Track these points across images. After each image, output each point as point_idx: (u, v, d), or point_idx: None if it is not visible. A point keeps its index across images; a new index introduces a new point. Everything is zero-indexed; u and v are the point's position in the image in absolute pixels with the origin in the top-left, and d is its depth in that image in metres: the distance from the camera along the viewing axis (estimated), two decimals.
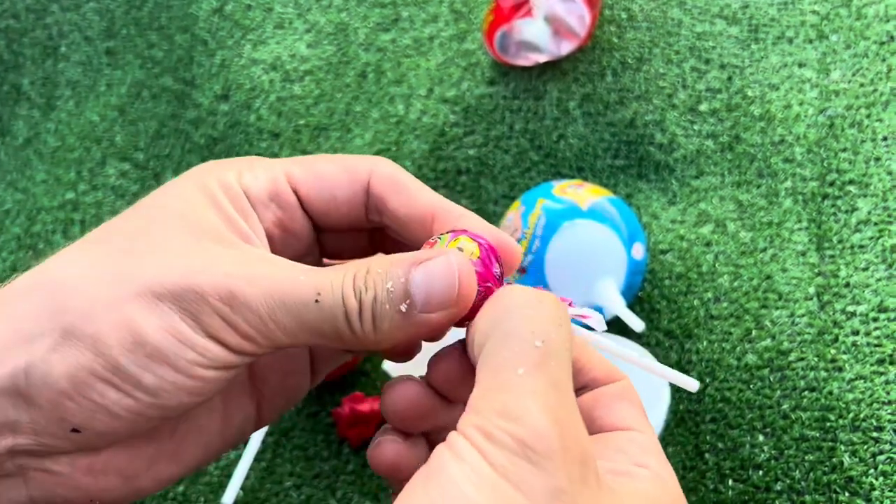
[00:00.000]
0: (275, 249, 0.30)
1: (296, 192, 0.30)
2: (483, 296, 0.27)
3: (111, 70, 0.66)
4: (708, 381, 0.48)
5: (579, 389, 0.29)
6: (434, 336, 0.28)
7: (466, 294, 0.26)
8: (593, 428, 0.28)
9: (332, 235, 0.32)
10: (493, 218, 0.55)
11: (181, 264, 0.26)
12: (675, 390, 0.48)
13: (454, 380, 0.28)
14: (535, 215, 0.48)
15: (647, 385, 0.44)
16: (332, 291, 0.26)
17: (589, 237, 0.47)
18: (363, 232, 0.33)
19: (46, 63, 0.67)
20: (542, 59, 0.56)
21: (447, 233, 0.28)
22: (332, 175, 0.30)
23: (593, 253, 0.47)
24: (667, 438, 0.47)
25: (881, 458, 0.44)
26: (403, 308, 0.26)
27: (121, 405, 0.25)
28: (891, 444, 0.44)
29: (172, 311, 0.25)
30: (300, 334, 0.26)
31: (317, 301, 0.26)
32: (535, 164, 0.56)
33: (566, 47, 0.56)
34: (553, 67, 0.58)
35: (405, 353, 0.30)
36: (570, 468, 0.22)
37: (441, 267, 0.26)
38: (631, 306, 0.50)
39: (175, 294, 0.25)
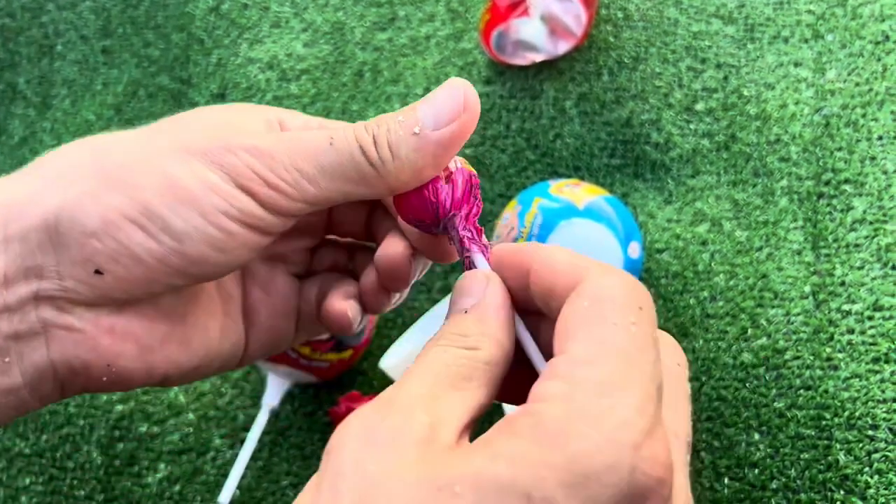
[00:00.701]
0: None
1: None
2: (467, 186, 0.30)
3: (107, 69, 0.66)
4: (704, 379, 0.48)
5: (537, 308, 0.26)
6: (449, 157, 0.29)
7: (473, 103, 0.28)
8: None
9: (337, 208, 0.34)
10: (490, 217, 0.55)
11: (211, 131, 0.28)
12: None
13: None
14: (532, 214, 0.48)
15: None
16: (344, 135, 0.28)
17: (585, 236, 0.47)
18: (363, 207, 0.34)
19: (42, 62, 0.67)
20: (538, 58, 0.56)
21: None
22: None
23: (590, 252, 0.47)
24: None
25: (876, 456, 0.44)
26: (417, 129, 0.28)
27: (145, 247, 0.27)
28: (886, 442, 0.44)
29: (203, 163, 0.27)
30: (324, 181, 0.28)
31: (331, 144, 0.28)
32: (532, 163, 0.56)
33: (563, 47, 0.56)
34: (549, 67, 0.58)
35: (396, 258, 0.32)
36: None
37: (444, 88, 0.28)
38: None
39: (207, 150, 0.28)
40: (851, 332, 0.47)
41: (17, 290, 0.27)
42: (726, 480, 0.45)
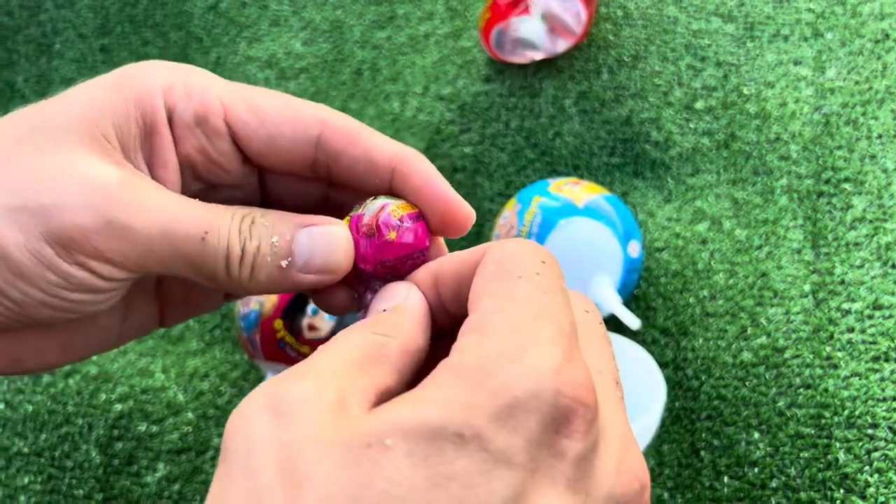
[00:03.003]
0: (197, 176, 0.29)
1: (229, 125, 0.28)
2: (412, 261, 0.27)
3: (106, 67, 0.66)
4: (704, 378, 0.48)
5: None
6: (307, 291, 0.28)
7: (346, 267, 0.27)
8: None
9: (279, 180, 0.31)
10: (490, 215, 0.55)
11: (59, 182, 0.25)
12: (671, 388, 0.48)
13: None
14: (531, 213, 0.48)
15: (644, 383, 0.44)
16: (218, 233, 0.26)
17: (585, 235, 0.47)
18: (316, 183, 0.31)
19: (41, 60, 0.67)
20: (538, 56, 0.56)
21: (383, 197, 0.28)
22: (276, 120, 0.28)
23: (589, 251, 0.47)
24: (663, 436, 0.47)
25: (876, 454, 0.44)
26: (284, 264, 0.27)
27: None
28: (886, 441, 0.44)
29: (39, 234, 0.25)
30: (176, 267, 0.26)
31: (203, 240, 0.26)
32: (531, 161, 0.56)
33: (562, 45, 0.56)
34: (549, 65, 0.57)
35: (337, 307, 0.30)
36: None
37: (325, 235, 0.27)
38: (627, 304, 0.50)
39: (45, 214, 0.24)
40: (851, 330, 0.47)
41: None
42: (726, 479, 0.45)
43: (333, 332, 0.48)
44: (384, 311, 0.26)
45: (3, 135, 0.26)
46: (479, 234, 0.54)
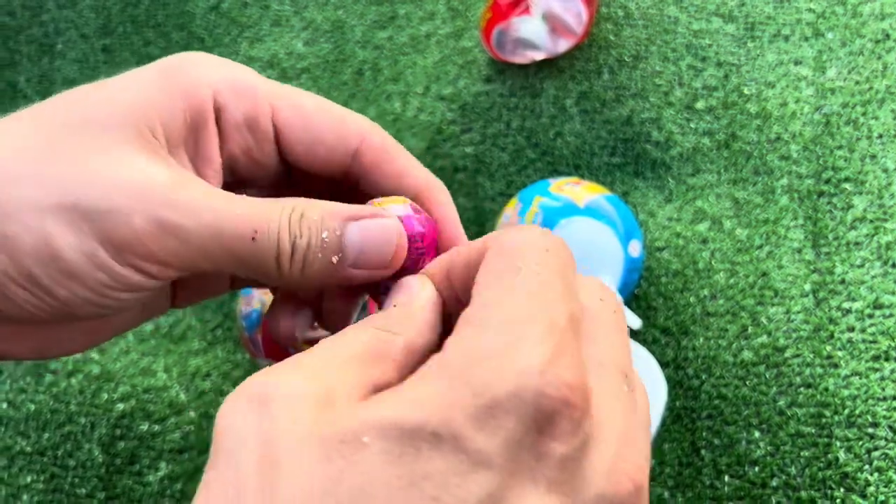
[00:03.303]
0: (235, 172, 0.29)
1: (275, 127, 0.29)
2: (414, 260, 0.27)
3: (108, 67, 0.66)
4: (704, 377, 0.48)
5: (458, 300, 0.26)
6: (353, 285, 0.28)
7: (397, 262, 0.27)
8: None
9: (306, 174, 0.31)
10: (491, 215, 0.55)
11: (110, 184, 0.25)
12: (672, 387, 0.48)
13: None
14: (532, 213, 0.48)
15: (645, 383, 0.45)
16: (268, 232, 0.26)
17: (586, 235, 0.47)
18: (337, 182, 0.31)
19: (43, 60, 0.67)
20: (538, 56, 0.56)
21: (388, 199, 0.28)
22: (321, 128, 0.29)
23: (590, 250, 0.47)
24: (663, 435, 0.47)
25: (876, 454, 0.44)
26: (335, 260, 0.26)
27: (31, 303, 0.25)
28: (886, 440, 0.44)
29: (92, 235, 0.24)
30: (226, 265, 0.26)
31: (253, 239, 0.25)
32: (532, 161, 0.56)
33: (563, 45, 0.56)
34: (550, 65, 0.58)
35: (339, 319, 0.30)
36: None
37: (378, 229, 0.27)
38: (628, 303, 0.50)
39: (99, 218, 0.24)
40: (852, 329, 0.47)
41: None
42: (727, 478, 0.45)
43: (334, 332, 0.48)
44: (394, 306, 0.25)
45: (48, 122, 0.26)
46: (480, 234, 0.54)
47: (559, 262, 0.23)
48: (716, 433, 0.47)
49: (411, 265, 0.28)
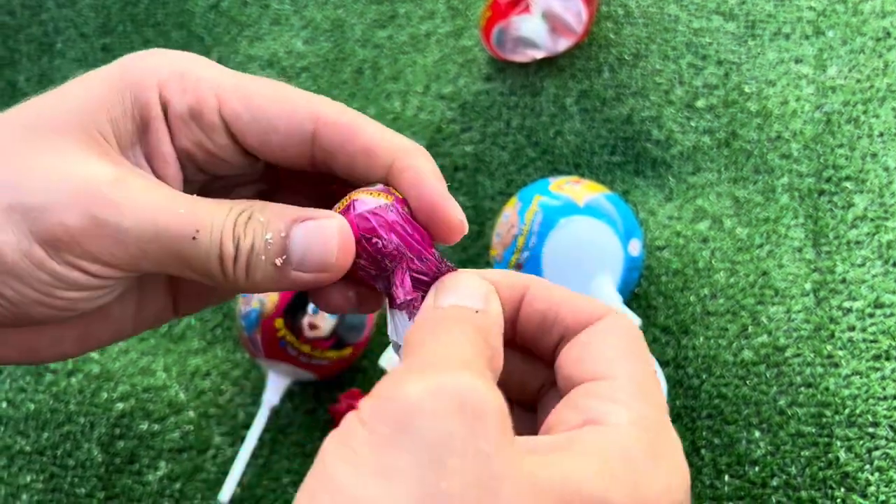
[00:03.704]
0: (200, 168, 0.29)
1: (224, 119, 0.28)
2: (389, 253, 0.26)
3: None
4: (704, 377, 0.48)
5: (556, 343, 0.26)
6: (309, 290, 0.27)
7: (342, 263, 0.26)
8: (566, 385, 0.25)
9: (290, 171, 0.30)
10: (490, 214, 0.55)
11: (48, 181, 0.25)
12: (672, 387, 0.48)
13: None
14: (532, 212, 0.48)
15: None
16: (210, 232, 0.25)
17: (586, 234, 0.47)
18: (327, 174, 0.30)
19: (42, 60, 0.67)
20: (538, 55, 0.56)
21: (369, 187, 0.27)
22: (269, 115, 0.27)
23: (590, 249, 0.47)
24: None
25: (877, 453, 0.44)
26: (279, 262, 0.26)
27: None
28: (886, 439, 0.44)
29: (29, 235, 0.24)
30: (169, 265, 0.26)
31: (194, 238, 0.25)
32: (532, 160, 0.56)
33: (563, 44, 0.56)
34: (550, 64, 0.57)
35: (335, 306, 0.29)
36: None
37: (322, 231, 0.26)
38: (627, 303, 0.50)
39: (33, 215, 0.24)
40: (852, 329, 0.47)
41: None
42: (727, 478, 0.45)
43: (334, 331, 0.48)
44: (476, 312, 0.25)
45: (4, 127, 0.26)
46: (480, 232, 0.54)
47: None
48: (716, 433, 0.46)
49: (408, 251, 0.26)
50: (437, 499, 0.19)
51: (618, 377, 0.24)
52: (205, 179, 0.30)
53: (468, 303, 0.25)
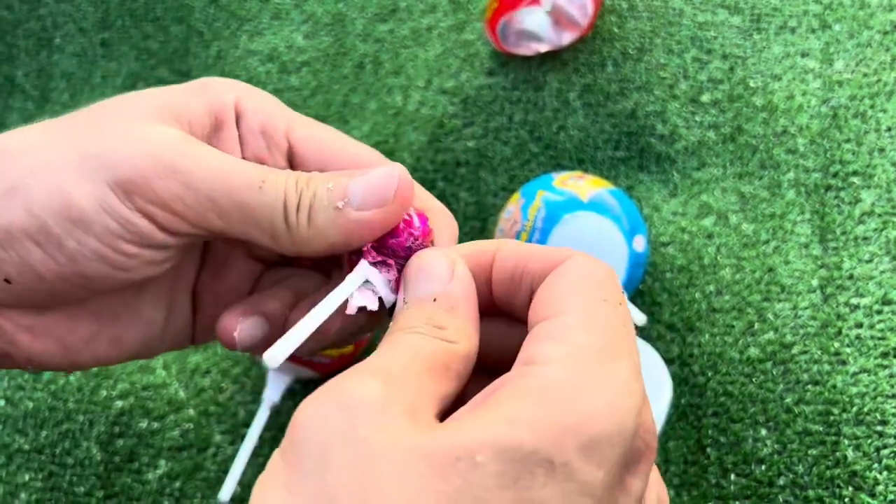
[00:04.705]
0: None
1: (289, 143, 0.30)
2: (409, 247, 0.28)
3: (106, 62, 0.65)
4: (710, 374, 0.47)
5: (529, 299, 0.26)
6: (365, 239, 0.28)
7: (403, 196, 0.27)
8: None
9: None
10: (493, 210, 0.54)
11: (126, 136, 0.26)
12: (677, 384, 0.47)
13: None
14: (536, 207, 0.47)
15: (650, 380, 0.44)
16: (275, 182, 0.27)
17: (590, 229, 0.46)
18: None
19: (41, 54, 0.67)
20: (542, 48, 0.55)
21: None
22: (332, 153, 0.30)
23: (594, 245, 0.46)
24: (668, 433, 0.47)
25: (885, 452, 0.43)
26: (340, 204, 0.27)
27: (44, 265, 0.26)
28: (895, 438, 0.43)
29: (102, 180, 0.26)
30: (234, 219, 0.27)
31: (260, 188, 0.26)
32: (535, 155, 0.55)
33: (567, 38, 0.55)
34: (553, 58, 0.57)
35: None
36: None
37: (382, 171, 0.27)
38: (632, 299, 0.49)
39: (110, 163, 0.26)
40: (860, 326, 0.46)
41: None
42: (733, 477, 0.45)
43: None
44: (434, 299, 0.25)
45: (88, 117, 0.28)
46: (483, 228, 0.54)
47: (626, 305, 0.25)
48: (722, 431, 0.46)
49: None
50: (330, 492, 0.19)
51: (565, 313, 0.23)
52: None
53: (431, 288, 0.26)
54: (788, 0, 0.56)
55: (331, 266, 0.33)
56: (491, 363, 0.26)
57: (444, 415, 0.23)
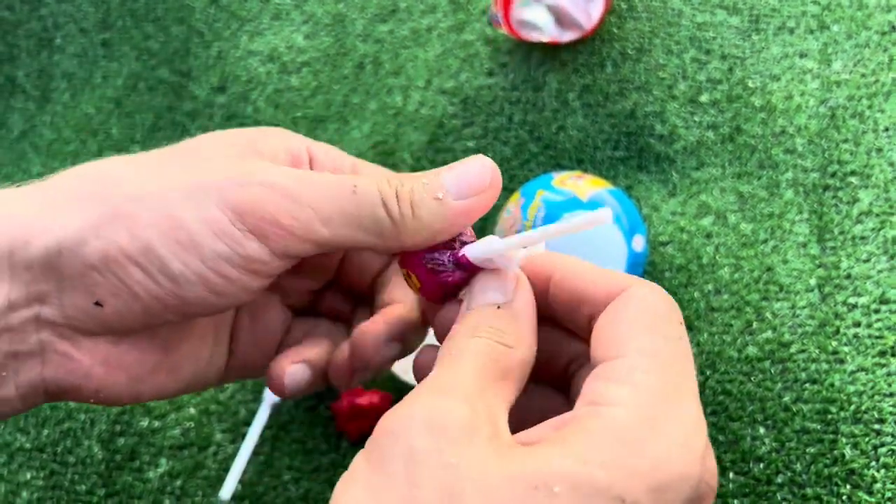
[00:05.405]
0: None
1: None
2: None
3: (107, 62, 0.65)
4: (709, 373, 0.47)
5: (588, 321, 0.27)
6: (465, 225, 0.29)
7: (497, 181, 0.29)
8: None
9: None
10: (493, 210, 0.54)
11: (227, 163, 0.28)
12: None
13: None
14: (535, 207, 0.47)
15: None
16: (367, 184, 0.28)
17: (589, 229, 0.46)
18: (374, 264, 0.36)
19: (41, 55, 0.67)
20: (544, 38, 0.55)
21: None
22: None
23: (593, 245, 0.47)
24: None
25: (883, 450, 0.44)
26: (439, 195, 0.28)
27: (143, 286, 0.27)
28: (892, 436, 0.44)
29: (213, 202, 0.26)
30: (339, 226, 0.28)
31: (353, 191, 0.27)
32: (535, 155, 0.55)
33: (568, 36, 0.55)
34: (553, 58, 0.57)
35: (436, 294, 0.31)
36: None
37: (472, 162, 0.29)
38: None
39: (219, 186, 0.27)
40: (858, 325, 0.47)
41: (20, 313, 0.27)
42: (731, 475, 0.45)
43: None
44: (497, 307, 0.26)
45: (183, 151, 0.30)
46: (483, 228, 0.54)
47: (687, 338, 0.25)
48: (720, 429, 0.46)
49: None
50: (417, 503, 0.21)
51: (628, 355, 0.24)
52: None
53: (495, 297, 0.27)
54: (787, 1, 0.56)
55: (352, 315, 0.36)
56: (537, 367, 0.27)
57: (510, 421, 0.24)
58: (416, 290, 0.30)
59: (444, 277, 0.29)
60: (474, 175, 0.28)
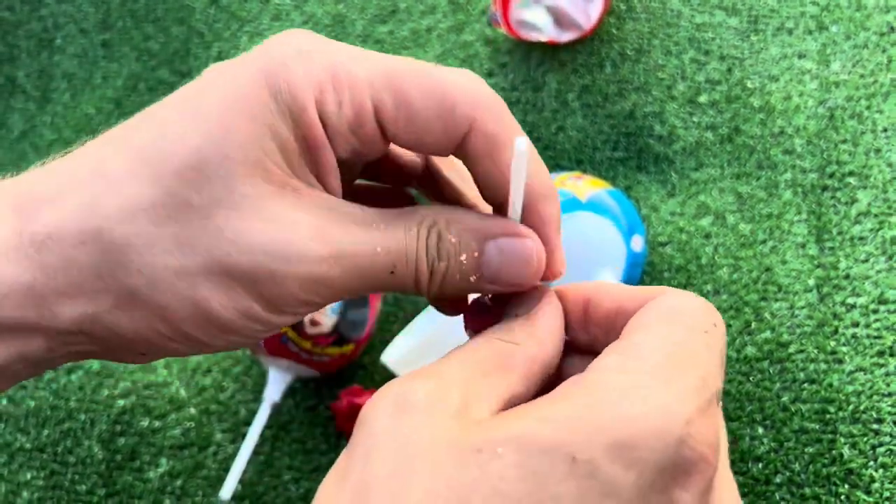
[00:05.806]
0: (343, 163, 0.28)
1: (380, 124, 0.26)
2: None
3: (107, 62, 0.65)
4: None
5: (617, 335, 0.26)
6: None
7: (536, 278, 0.27)
8: None
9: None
10: None
11: (255, 242, 0.24)
12: None
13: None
14: None
15: None
16: (406, 265, 0.26)
17: (588, 229, 0.47)
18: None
19: (42, 55, 0.67)
20: (543, 38, 0.55)
21: None
22: (427, 120, 0.26)
23: (592, 245, 0.47)
24: None
25: (881, 450, 0.44)
26: (473, 279, 0.26)
27: (181, 351, 0.27)
28: (891, 436, 0.44)
29: (246, 295, 0.25)
30: (365, 292, 0.27)
31: (392, 273, 0.26)
32: None
33: (567, 36, 0.55)
34: (552, 59, 0.57)
35: (455, 308, 0.30)
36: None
37: (518, 249, 0.26)
38: None
39: (250, 279, 0.24)
40: (856, 325, 0.47)
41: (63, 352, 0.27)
42: None
43: (336, 328, 0.48)
44: (516, 315, 0.26)
45: (156, 169, 0.24)
46: None
47: (722, 342, 0.24)
48: None
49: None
50: (367, 480, 0.21)
51: (640, 332, 0.23)
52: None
53: (513, 312, 0.26)
54: (786, 1, 0.56)
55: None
56: None
57: None
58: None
59: (487, 319, 0.28)
60: (517, 268, 0.26)
